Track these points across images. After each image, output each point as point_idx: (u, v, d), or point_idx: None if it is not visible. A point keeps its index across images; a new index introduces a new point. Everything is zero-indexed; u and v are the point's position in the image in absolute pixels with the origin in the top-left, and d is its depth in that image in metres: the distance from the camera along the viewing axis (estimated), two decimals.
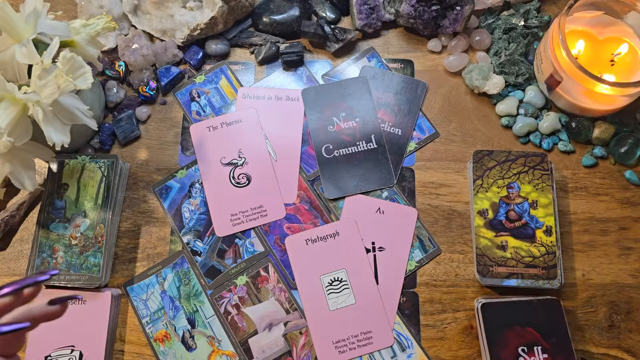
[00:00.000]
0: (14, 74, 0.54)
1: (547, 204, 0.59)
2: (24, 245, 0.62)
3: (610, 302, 0.59)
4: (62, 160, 0.61)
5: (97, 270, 0.57)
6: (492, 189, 0.59)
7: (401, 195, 0.63)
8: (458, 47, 0.68)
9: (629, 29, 0.63)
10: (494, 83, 0.65)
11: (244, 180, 0.63)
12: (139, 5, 0.69)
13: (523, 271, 0.56)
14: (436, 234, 0.61)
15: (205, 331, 0.58)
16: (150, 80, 0.67)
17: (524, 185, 0.59)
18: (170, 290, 0.60)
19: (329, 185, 0.63)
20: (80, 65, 0.52)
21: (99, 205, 0.59)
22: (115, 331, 0.59)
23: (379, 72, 0.67)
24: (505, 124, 0.65)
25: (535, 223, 0.58)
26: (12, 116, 0.50)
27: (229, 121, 0.65)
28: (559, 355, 0.53)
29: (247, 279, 0.60)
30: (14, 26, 0.52)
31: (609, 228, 0.61)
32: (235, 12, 0.68)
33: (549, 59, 0.61)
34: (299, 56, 0.67)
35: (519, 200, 0.59)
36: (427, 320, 0.59)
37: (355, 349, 0.57)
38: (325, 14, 0.70)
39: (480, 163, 0.60)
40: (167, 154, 0.65)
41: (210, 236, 0.61)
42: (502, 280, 0.56)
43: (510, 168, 0.60)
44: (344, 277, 0.59)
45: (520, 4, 0.69)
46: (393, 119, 0.66)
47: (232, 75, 0.68)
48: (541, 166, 0.60)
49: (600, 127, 0.64)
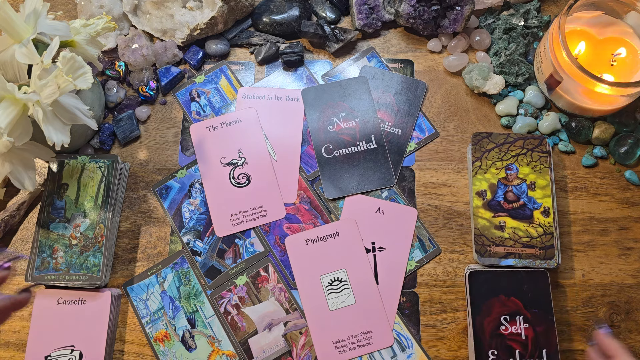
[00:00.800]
0: (14, 74, 0.54)
1: (544, 186, 0.59)
2: (24, 245, 0.62)
3: (610, 302, 0.59)
4: (62, 160, 0.61)
5: (97, 270, 0.57)
6: (490, 171, 0.60)
7: (401, 195, 0.63)
8: (458, 47, 0.68)
9: (629, 29, 0.63)
10: (494, 83, 0.65)
11: (244, 180, 0.63)
12: (139, 5, 0.69)
13: (520, 251, 0.57)
14: (436, 234, 0.61)
15: (205, 331, 0.58)
16: (150, 80, 0.67)
17: (522, 167, 0.60)
18: (170, 290, 0.60)
19: (329, 185, 0.63)
20: (80, 65, 0.52)
21: (99, 205, 0.59)
22: (115, 331, 0.59)
23: (378, 72, 0.67)
24: (505, 124, 0.65)
25: (533, 204, 0.59)
26: (12, 116, 0.50)
27: (229, 121, 0.65)
28: (540, 325, 0.54)
29: (247, 279, 0.60)
30: (14, 26, 0.52)
31: (609, 228, 0.61)
32: (235, 12, 0.68)
33: (549, 59, 0.61)
34: (299, 56, 0.67)
35: (517, 182, 0.59)
36: (427, 320, 0.59)
37: (355, 349, 0.57)
38: (325, 14, 0.70)
39: (479, 145, 0.61)
40: (167, 154, 0.65)
41: (210, 236, 0.61)
42: (499, 259, 0.57)
43: (509, 150, 0.61)
44: (344, 277, 0.59)
45: (520, 4, 0.69)
46: (393, 119, 0.66)
47: (232, 75, 0.68)
48: (539, 148, 0.60)
49: (600, 127, 0.64)
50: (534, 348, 0.54)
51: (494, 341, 0.54)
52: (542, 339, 0.54)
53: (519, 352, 0.54)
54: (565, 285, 0.59)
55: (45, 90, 0.49)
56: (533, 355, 0.54)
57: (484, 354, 0.54)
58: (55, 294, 0.58)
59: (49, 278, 0.57)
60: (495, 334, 0.54)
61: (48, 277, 0.57)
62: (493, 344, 0.54)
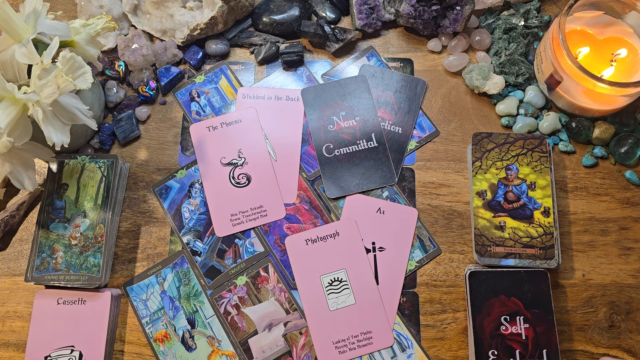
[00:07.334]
0: (14, 74, 0.54)
1: (545, 186, 0.59)
2: (23, 245, 0.62)
3: (610, 302, 0.59)
4: (62, 160, 0.61)
5: (97, 270, 0.57)
6: (490, 171, 0.60)
7: (401, 195, 0.63)
8: (458, 47, 0.68)
9: (629, 29, 0.63)
10: (494, 83, 0.65)
11: (244, 180, 0.63)
12: (139, 5, 0.69)
13: (521, 251, 0.57)
14: (436, 234, 0.61)
15: (205, 331, 0.58)
16: (150, 80, 0.67)
17: (523, 167, 0.60)
18: (170, 290, 0.60)
19: (330, 185, 0.63)
20: (80, 65, 0.52)
21: (98, 205, 0.59)
22: (115, 331, 0.59)
23: (378, 70, 0.67)
24: (505, 124, 0.65)
25: (533, 204, 0.59)
26: (12, 116, 0.50)
27: (228, 121, 0.65)
28: (540, 326, 0.54)
29: (247, 279, 0.60)
30: (14, 26, 0.52)
31: (609, 228, 0.61)
32: (235, 12, 0.68)
33: (549, 59, 0.61)
34: (299, 56, 0.67)
35: (518, 182, 0.59)
36: (427, 320, 0.59)
37: (355, 349, 0.57)
38: (325, 14, 0.70)
39: (480, 145, 0.61)
40: (167, 154, 0.65)
41: (210, 236, 0.61)
42: (499, 259, 0.57)
43: (509, 150, 0.61)
44: (344, 277, 0.59)
45: (520, 4, 0.69)
46: (393, 117, 0.66)
47: (232, 75, 0.68)
48: (540, 148, 0.60)
49: (601, 127, 0.64)
50: (534, 348, 0.54)
51: (494, 341, 0.54)
52: (543, 339, 0.54)
53: (519, 353, 0.54)
54: (565, 286, 0.59)
55: (45, 90, 0.49)
56: (533, 355, 0.54)
57: (484, 354, 0.54)
58: (55, 294, 0.58)
59: (49, 278, 0.57)
60: (495, 334, 0.54)
61: (48, 277, 0.57)
62: (493, 344, 0.54)
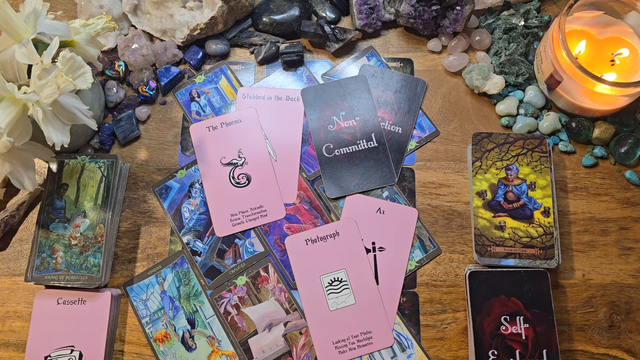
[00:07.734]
0: (14, 74, 0.54)
1: (545, 186, 0.59)
2: (23, 245, 0.62)
3: (610, 302, 0.59)
4: (62, 160, 0.61)
5: (97, 270, 0.57)
6: (490, 171, 0.60)
7: (401, 195, 0.63)
8: (458, 47, 0.68)
9: (629, 29, 0.63)
10: (494, 83, 0.65)
11: (244, 180, 0.63)
12: (139, 5, 0.69)
13: (521, 251, 0.57)
14: (436, 234, 0.61)
15: (205, 331, 0.58)
16: (150, 80, 0.67)
17: (523, 167, 0.60)
18: (170, 290, 0.60)
19: (330, 185, 0.63)
20: (80, 65, 0.52)
21: (98, 205, 0.59)
22: (115, 331, 0.59)
23: (378, 70, 0.67)
24: (505, 124, 0.65)
25: (533, 204, 0.59)
26: (12, 116, 0.50)
27: (228, 121, 0.65)
28: (540, 326, 0.54)
29: (247, 279, 0.60)
30: (14, 26, 0.52)
31: (609, 228, 0.61)
32: (235, 12, 0.68)
33: (549, 59, 0.61)
34: (299, 56, 0.67)
35: (517, 182, 0.59)
36: (427, 320, 0.59)
37: (355, 349, 0.57)
38: (325, 14, 0.70)
39: (480, 145, 0.61)
40: (167, 154, 0.65)
41: (210, 236, 0.61)
42: (499, 259, 0.57)
43: (509, 150, 0.61)
44: (343, 277, 0.59)
45: (520, 4, 0.69)
46: (393, 117, 0.66)
47: (232, 75, 0.68)
48: (539, 148, 0.60)
49: (601, 127, 0.64)
50: (534, 348, 0.54)
51: (494, 341, 0.54)
52: (543, 339, 0.54)
53: (519, 353, 0.54)
54: (565, 286, 0.59)
55: (45, 90, 0.49)
56: (533, 355, 0.54)
57: (484, 354, 0.54)
58: (55, 294, 0.58)
59: (49, 278, 0.57)
60: (495, 334, 0.54)
61: (48, 277, 0.57)
62: (493, 344, 0.54)
